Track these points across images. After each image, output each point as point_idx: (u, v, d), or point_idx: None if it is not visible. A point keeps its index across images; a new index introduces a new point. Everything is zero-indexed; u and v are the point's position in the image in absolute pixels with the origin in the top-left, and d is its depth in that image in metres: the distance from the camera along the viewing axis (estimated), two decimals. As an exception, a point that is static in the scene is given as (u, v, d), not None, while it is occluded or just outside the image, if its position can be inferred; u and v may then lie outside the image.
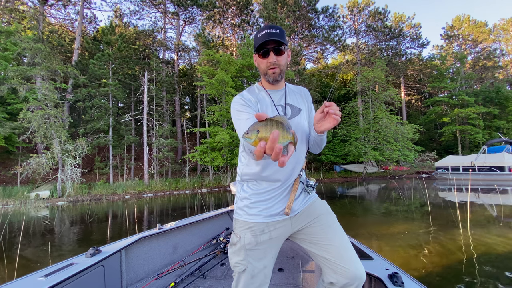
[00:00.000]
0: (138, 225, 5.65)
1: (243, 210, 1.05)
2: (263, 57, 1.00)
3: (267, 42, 0.96)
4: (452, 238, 4.10)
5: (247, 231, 1.02)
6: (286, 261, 2.30)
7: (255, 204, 1.03)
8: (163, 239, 2.20)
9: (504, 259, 3.21)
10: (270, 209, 1.02)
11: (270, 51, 0.98)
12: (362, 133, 19.82)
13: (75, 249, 4.21)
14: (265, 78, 1.05)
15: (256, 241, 1.00)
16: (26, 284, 1.18)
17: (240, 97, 1.02)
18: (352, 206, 7.91)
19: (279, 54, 0.99)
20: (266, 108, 1.04)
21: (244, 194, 1.06)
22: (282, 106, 1.06)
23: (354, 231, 4.76)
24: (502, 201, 7.57)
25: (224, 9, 20.95)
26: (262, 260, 1.02)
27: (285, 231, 1.06)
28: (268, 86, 1.08)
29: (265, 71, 1.02)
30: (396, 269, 1.30)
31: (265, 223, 1.02)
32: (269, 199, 1.03)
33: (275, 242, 1.05)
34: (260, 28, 1.01)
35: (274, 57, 0.98)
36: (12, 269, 3.28)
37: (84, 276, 1.37)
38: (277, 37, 0.95)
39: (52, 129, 11.31)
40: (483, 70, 29.09)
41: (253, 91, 1.08)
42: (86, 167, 15.42)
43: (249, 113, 0.95)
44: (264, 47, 0.98)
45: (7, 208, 9.71)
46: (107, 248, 1.68)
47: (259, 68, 1.05)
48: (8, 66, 11.89)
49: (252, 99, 1.01)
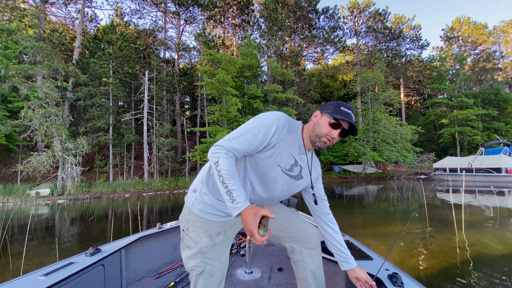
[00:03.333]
0: (139, 223, 5.72)
1: (200, 205, 1.03)
2: (332, 126, 0.98)
3: (345, 121, 0.98)
4: (447, 239, 4.18)
5: (204, 235, 1.01)
6: (286, 261, 2.29)
7: (216, 204, 1.02)
8: (163, 238, 2.19)
9: (499, 259, 3.28)
10: (225, 212, 1.03)
11: (340, 129, 0.99)
12: (361, 134, 19.89)
13: (78, 247, 4.27)
14: (312, 138, 1.02)
15: (213, 243, 1.02)
16: (26, 283, 1.17)
17: (280, 123, 0.96)
18: (350, 206, 7.98)
19: (342, 135, 1.02)
20: (287, 154, 1.01)
21: (205, 189, 1.04)
22: (304, 167, 1.10)
23: (352, 231, 4.82)
24: (498, 203, 7.65)
25: (225, 9, 20.97)
26: (219, 258, 1.04)
27: (238, 227, 1.13)
28: (307, 143, 1.06)
29: (321, 135, 0.99)
30: (395, 269, 1.30)
31: (222, 224, 1.05)
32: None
33: (230, 239, 1.11)
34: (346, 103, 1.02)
35: (338, 136, 1.00)
36: (18, 267, 3.36)
37: (84, 275, 1.36)
38: (353, 126, 0.99)
39: (52, 127, 11.35)
40: (483, 72, 29.15)
41: (293, 130, 1.03)
42: (86, 166, 15.46)
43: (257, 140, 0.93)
44: (340, 121, 0.98)
45: (7, 205, 9.77)
46: (107, 247, 1.69)
47: (316, 126, 1.02)
48: (10, 64, 11.93)
49: (283, 135, 0.97)
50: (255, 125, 0.94)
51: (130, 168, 16.63)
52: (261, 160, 0.98)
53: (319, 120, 1.02)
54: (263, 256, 2.43)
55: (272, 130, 0.94)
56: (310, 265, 1.17)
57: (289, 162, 1.03)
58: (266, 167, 0.99)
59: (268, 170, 1.00)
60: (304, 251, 1.17)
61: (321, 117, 1.02)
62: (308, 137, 1.05)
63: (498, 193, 9.84)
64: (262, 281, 1.93)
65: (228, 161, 0.85)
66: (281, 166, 1.01)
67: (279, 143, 0.97)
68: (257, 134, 0.92)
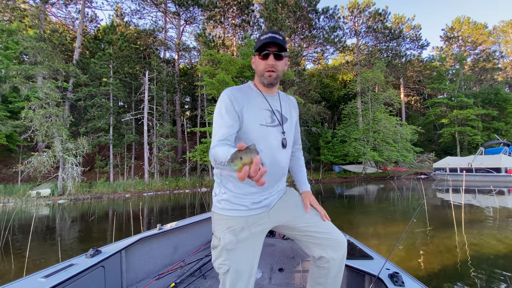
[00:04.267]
0: (140, 223, 5.74)
1: (221, 203, 1.05)
2: (263, 59, 1.01)
3: (269, 44, 0.98)
4: (447, 238, 4.20)
5: (227, 231, 1.01)
6: (286, 261, 2.30)
7: (235, 199, 1.04)
8: (163, 239, 2.19)
9: (499, 259, 3.31)
10: (246, 206, 1.04)
11: (270, 54, 0.99)
12: (362, 134, 19.91)
13: (80, 247, 4.29)
14: (260, 80, 1.06)
15: (236, 240, 1.01)
16: (27, 285, 1.17)
17: (229, 94, 1.00)
18: (350, 206, 8.00)
19: (278, 59, 1.01)
20: (256, 111, 1.03)
21: (224, 189, 1.06)
22: (277, 111, 1.09)
23: (353, 231, 4.85)
24: (498, 202, 7.67)
25: (225, 9, 20.97)
26: (245, 257, 1.02)
27: (264, 225, 1.09)
28: (263, 88, 1.09)
29: (262, 72, 1.02)
30: (396, 268, 1.31)
31: (244, 219, 1.04)
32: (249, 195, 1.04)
33: (256, 238, 1.07)
34: (264, 32, 1.02)
35: (273, 60, 1.00)
36: (21, 267, 3.38)
37: (84, 276, 1.37)
38: (280, 42, 0.98)
39: (53, 127, 11.38)
40: (483, 72, 29.16)
41: (244, 91, 1.06)
42: (87, 166, 15.49)
43: (232, 120, 0.96)
44: (266, 49, 0.99)
45: (8, 206, 9.79)
46: (107, 249, 1.69)
47: (256, 69, 1.06)
48: (10, 65, 11.95)
49: (239, 100, 1.00)
50: (217, 112, 1.00)
51: (130, 168, 16.66)
52: (245, 133, 1.01)
53: (255, 62, 1.05)
54: (264, 256, 2.41)
55: (229, 102, 0.98)
56: (333, 273, 1.12)
57: (267, 116, 1.05)
58: (252, 133, 1.01)
59: (256, 134, 1.02)
60: (332, 261, 1.10)
61: (254, 59, 1.06)
62: (260, 84, 1.08)
63: (498, 193, 9.86)
64: (262, 281, 1.92)
65: (222, 148, 0.83)
66: (263, 124, 1.04)
67: (244, 108, 1.01)
68: (224, 115, 0.97)
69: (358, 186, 14.80)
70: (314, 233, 1.11)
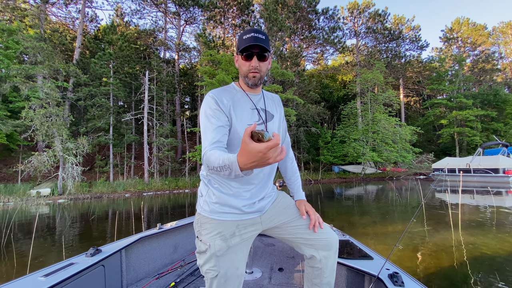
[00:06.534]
0: (140, 223, 5.77)
1: (209, 206, 1.00)
2: (246, 60, 0.99)
3: (252, 46, 0.95)
4: (446, 238, 4.24)
5: (217, 237, 0.96)
6: (286, 261, 2.29)
7: (226, 201, 0.99)
8: (163, 238, 2.19)
9: (497, 258, 3.34)
10: (240, 209, 1.00)
11: (254, 55, 0.97)
12: (361, 134, 19.95)
13: (80, 246, 4.33)
14: (244, 81, 1.04)
15: (227, 246, 0.97)
16: (26, 284, 1.17)
17: (213, 96, 0.97)
18: (350, 206, 8.04)
19: (262, 60, 0.99)
20: (243, 111, 1.01)
21: (212, 190, 1.01)
22: (262, 109, 1.08)
23: (352, 231, 4.88)
24: (495, 203, 7.73)
25: (225, 9, 21.01)
26: (234, 262, 0.98)
27: (256, 231, 1.07)
28: (247, 89, 1.07)
29: (246, 73, 1.00)
30: (396, 268, 1.31)
31: (235, 224, 1.00)
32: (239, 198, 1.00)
33: (246, 242, 1.04)
34: (246, 30, 0.99)
35: (257, 62, 0.97)
36: (23, 265, 3.41)
37: (84, 276, 1.36)
38: (262, 43, 0.94)
39: (53, 127, 11.41)
40: (482, 73, 29.22)
41: (229, 91, 1.04)
42: (87, 165, 15.52)
43: (220, 121, 0.93)
44: (249, 50, 0.96)
45: (8, 205, 9.82)
46: (107, 248, 1.69)
47: (239, 70, 1.04)
48: (11, 65, 11.98)
49: (225, 101, 0.97)
50: (203, 115, 0.96)
51: (130, 168, 16.69)
52: (232, 133, 0.98)
53: (238, 62, 1.04)
54: (264, 256, 2.44)
55: (214, 104, 0.95)
56: (327, 273, 1.12)
57: (254, 115, 1.04)
58: (240, 133, 0.98)
59: None
60: (324, 260, 1.10)
61: (237, 58, 1.03)
62: (244, 84, 1.06)
63: (495, 194, 9.91)
64: (262, 281, 1.93)
65: (214, 153, 0.78)
66: (251, 123, 0.99)
67: (231, 108, 0.98)
68: (212, 117, 0.93)
69: (357, 186, 14.85)
70: (307, 234, 1.11)
